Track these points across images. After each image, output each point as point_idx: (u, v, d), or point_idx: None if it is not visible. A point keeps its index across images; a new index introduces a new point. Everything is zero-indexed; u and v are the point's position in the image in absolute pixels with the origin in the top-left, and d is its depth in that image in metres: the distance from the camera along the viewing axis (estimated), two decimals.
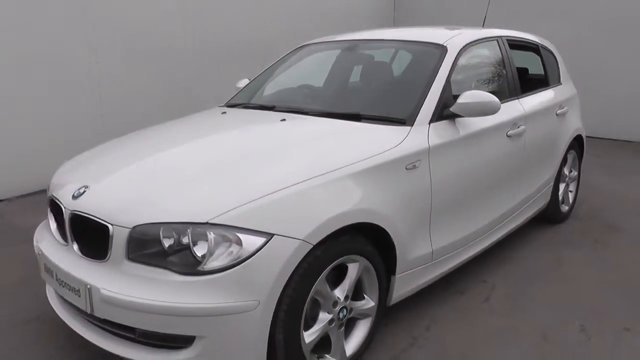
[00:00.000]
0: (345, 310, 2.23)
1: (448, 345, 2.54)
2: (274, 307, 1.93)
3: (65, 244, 2.25)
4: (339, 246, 2.10)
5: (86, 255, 2.12)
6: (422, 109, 2.67)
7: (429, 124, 2.64)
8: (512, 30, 3.74)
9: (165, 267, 1.92)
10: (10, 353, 2.50)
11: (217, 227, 1.89)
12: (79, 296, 2.05)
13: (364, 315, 2.35)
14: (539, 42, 4.00)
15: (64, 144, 5.07)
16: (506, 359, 2.42)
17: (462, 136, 2.77)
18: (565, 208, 4.14)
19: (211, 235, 1.88)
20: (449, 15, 8.34)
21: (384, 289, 2.42)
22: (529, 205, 3.55)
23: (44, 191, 5.00)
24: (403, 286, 2.51)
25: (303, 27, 7.14)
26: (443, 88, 2.77)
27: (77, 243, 2.18)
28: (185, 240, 1.90)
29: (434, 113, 2.68)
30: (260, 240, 1.89)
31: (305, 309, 2.03)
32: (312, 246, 1.97)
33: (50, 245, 2.34)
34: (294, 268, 1.94)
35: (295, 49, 3.78)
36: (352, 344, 2.32)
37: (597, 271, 3.31)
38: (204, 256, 1.89)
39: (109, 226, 2.00)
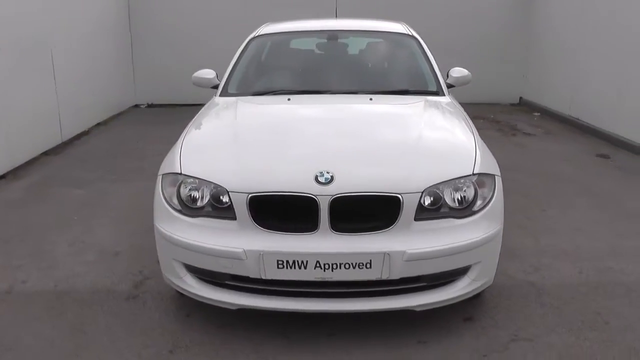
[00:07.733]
0: None
1: None
2: None
3: (311, 231, 2.33)
4: None
5: (351, 232, 2.33)
6: (440, 83, 3.59)
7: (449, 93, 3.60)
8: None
9: (448, 216, 2.43)
10: None
11: (477, 175, 2.50)
12: (369, 267, 2.29)
13: None
14: None
15: None
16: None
17: (453, 100, 3.82)
18: None
19: (476, 183, 2.46)
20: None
21: None
22: None
23: None
24: None
25: None
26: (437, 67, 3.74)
27: (333, 225, 2.32)
28: (457, 190, 2.44)
29: (445, 85, 3.64)
30: (495, 181, 2.58)
31: None
32: None
33: (276, 240, 2.33)
34: None
35: (257, 37, 3.95)
36: None
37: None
38: (466, 200, 2.45)
39: (399, 196, 2.31)
